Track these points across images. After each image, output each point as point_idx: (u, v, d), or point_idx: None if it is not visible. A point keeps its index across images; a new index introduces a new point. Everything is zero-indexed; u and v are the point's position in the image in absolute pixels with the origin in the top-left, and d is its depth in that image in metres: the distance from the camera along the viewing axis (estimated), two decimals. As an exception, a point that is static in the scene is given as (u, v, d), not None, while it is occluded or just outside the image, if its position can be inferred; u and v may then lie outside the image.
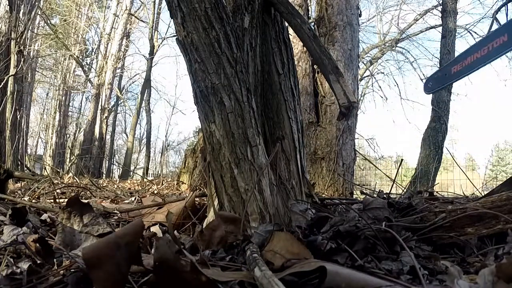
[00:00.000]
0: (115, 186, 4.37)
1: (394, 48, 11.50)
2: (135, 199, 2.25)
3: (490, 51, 1.98)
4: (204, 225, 1.13)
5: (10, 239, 0.86)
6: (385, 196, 1.26)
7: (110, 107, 12.44)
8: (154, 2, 13.34)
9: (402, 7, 12.16)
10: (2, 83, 5.18)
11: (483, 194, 1.26)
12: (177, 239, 0.89)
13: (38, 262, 0.73)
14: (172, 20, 1.08)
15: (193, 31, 1.01)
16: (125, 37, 12.89)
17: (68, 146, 13.36)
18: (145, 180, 6.18)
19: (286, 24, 1.35)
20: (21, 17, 5.79)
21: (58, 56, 14.38)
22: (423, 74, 10.92)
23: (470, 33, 8.72)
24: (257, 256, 0.66)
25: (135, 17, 13.80)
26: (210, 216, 1.15)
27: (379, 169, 2.52)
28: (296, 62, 2.40)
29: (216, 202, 1.11)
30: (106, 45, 13.01)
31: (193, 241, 0.94)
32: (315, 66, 3.98)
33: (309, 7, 4.71)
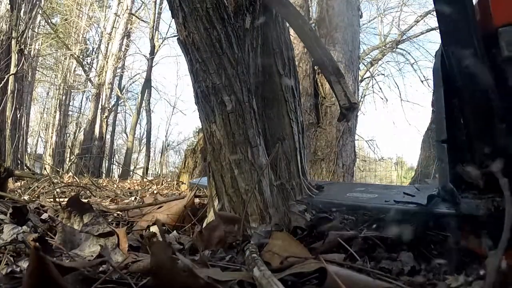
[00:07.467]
0: (115, 185, 4.37)
1: (394, 49, 11.49)
2: (135, 199, 2.25)
3: None
4: (204, 225, 1.13)
5: (10, 237, 0.86)
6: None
7: (110, 106, 12.43)
8: (155, 2, 13.34)
9: (403, 9, 12.13)
10: (2, 82, 5.18)
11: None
12: (170, 244, 0.89)
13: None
14: (173, 20, 1.08)
15: (194, 31, 1.01)
16: (125, 37, 12.89)
17: (68, 146, 13.35)
18: (145, 180, 6.18)
19: (287, 24, 1.36)
20: (22, 16, 5.80)
21: (58, 55, 14.36)
22: (424, 76, 10.90)
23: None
24: (256, 256, 0.66)
25: (136, 16, 13.79)
26: (210, 216, 1.15)
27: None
28: (296, 63, 2.40)
29: (216, 203, 1.11)
30: (106, 44, 13.01)
31: (192, 241, 0.94)
32: (315, 67, 3.98)
33: (310, 8, 4.71)
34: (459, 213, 0.74)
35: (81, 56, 13.75)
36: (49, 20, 12.29)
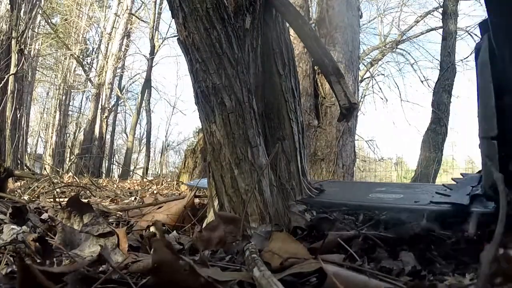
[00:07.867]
0: (115, 185, 4.37)
1: (394, 49, 11.49)
2: (135, 199, 2.25)
3: None
4: (204, 225, 1.13)
5: (10, 238, 0.85)
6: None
7: (110, 106, 12.42)
8: (155, 2, 13.33)
9: (403, 9, 12.14)
10: (2, 82, 5.18)
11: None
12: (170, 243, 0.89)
13: (38, 261, 0.73)
14: (173, 20, 1.08)
15: (194, 31, 1.01)
16: (125, 37, 12.89)
17: (68, 146, 13.34)
18: (144, 180, 6.18)
19: (287, 25, 1.36)
20: (22, 16, 5.80)
21: (58, 55, 14.36)
22: (423, 76, 10.91)
23: (471, 35, 8.72)
24: (256, 256, 0.66)
25: (136, 16, 13.78)
26: (210, 217, 1.15)
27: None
28: (296, 63, 2.41)
29: (216, 203, 1.11)
30: (106, 44, 13.00)
31: (192, 242, 0.94)
32: (315, 67, 3.98)
33: (310, 8, 4.71)
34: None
35: (81, 56, 13.74)
36: (49, 20, 12.29)
